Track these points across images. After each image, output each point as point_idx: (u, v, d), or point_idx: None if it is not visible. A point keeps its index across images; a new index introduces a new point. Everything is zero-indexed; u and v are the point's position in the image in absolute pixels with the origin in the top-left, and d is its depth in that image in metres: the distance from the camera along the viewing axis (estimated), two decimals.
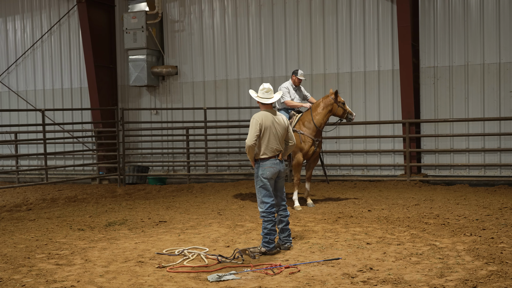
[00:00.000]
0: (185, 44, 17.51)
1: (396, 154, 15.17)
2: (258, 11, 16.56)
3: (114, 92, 18.35)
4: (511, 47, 14.03)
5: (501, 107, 14.20)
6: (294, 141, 8.04)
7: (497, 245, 7.51)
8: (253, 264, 6.96)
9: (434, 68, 14.77)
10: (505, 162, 14.11)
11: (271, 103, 7.80)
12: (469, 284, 5.88)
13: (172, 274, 6.63)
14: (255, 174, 7.74)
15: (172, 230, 9.31)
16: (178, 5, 17.52)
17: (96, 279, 6.48)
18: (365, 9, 15.35)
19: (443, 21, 14.64)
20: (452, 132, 14.58)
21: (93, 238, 8.81)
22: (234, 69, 16.90)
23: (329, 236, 8.45)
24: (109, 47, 18.22)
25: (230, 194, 13.51)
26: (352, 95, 15.42)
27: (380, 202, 11.47)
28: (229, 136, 16.64)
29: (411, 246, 7.72)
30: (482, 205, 10.71)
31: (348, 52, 15.56)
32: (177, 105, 17.59)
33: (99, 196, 14.06)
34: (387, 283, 6.04)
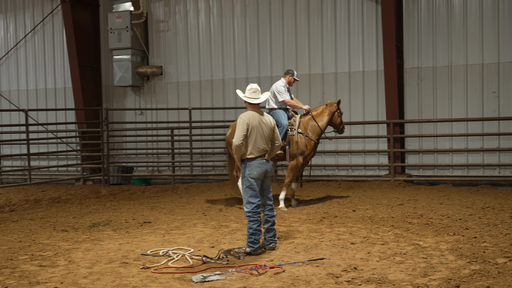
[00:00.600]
0: (170, 44, 17.47)
1: (380, 154, 15.24)
2: (244, 11, 16.56)
3: (98, 92, 18.25)
4: (494, 48, 14.16)
5: (484, 107, 14.31)
6: (280, 142, 8.06)
7: (480, 245, 7.57)
8: (238, 265, 6.96)
9: (418, 69, 14.86)
10: (488, 162, 14.23)
11: (258, 103, 7.81)
12: (452, 283, 5.92)
13: (156, 275, 6.61)
14: (241, 174, 7.74)
15: (157, 230, 9.28)
16: (163, 5, 17.48)
17: (80, 280, 6.45)
18: (350, 10, 15.41)
19: (427, 22, 14.73)
20: (435, 133, 14.68)
21: (77, 239, 8.76)
22: (219, 69, 16.89)
23: (313, 236, 8.47)
24: (94, 47, 18.12)
25: (215, 194, 13.50)
26: (337, 96, 15.46)
27: (365, 202, 11.52)
28: (214, 137, 16.63)
29: (395, 245, 7.76)
30: (465, 205, 10.79)
31: (333, 53, 15.61)
32: (162, 106, 17.53)
33: (83, 197, 13.98)
34: (371, 283, 6.06)
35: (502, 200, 11.35)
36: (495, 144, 14.18)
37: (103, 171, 15.83)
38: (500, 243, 7.57)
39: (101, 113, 16.05)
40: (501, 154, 14.17)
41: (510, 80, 14.05)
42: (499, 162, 14.14)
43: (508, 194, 12.24)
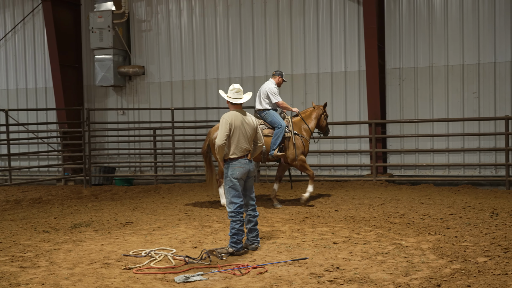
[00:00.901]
0: (152, 44, 17.41)
1: (362, 154, 15.32)
2: (226, 11, 16.55)
3: (79, 92, 18.13)
4: (474, 49, 14.29)
5: (464, 108, 14.45)
6: (262, 142, 8.08)
7: (461, 244, 7.64)
8: (220, 265, 6.96)
9: (400, 69, 14.96)
10: (468, 162, 14.36)
11: (241, 103, 7.82)
12: (433, 282, 5.97)
13: (138, 275, 6.58)
14: (224, 175, 7.74)
15: (139, 231, 9.24)
16: (145, 4, 17.41)
17: (61, 281, 6.40)
18: (332, 10, 15.47)
19: (408, 23, 14.84)
20: (417, 133, 14.78)
21: (58, 240, 8.69)
22: (202, 70, 16.86)
23: (296, 236, 8.49)
24: (75, 46, 18.00)
25: (197, 194, 13.48)
26: (319, 96, 15.52)
27: (347, 202, 11.57)
28: (197, 137, 16.59)
29: (377, 245, 7.80)
30: (446, 205, 10.88)
31: (315, 53, 15.66)
32: (144, 106, 17.47)
33: (65, 197, 13.87)
34: (354, 282, 6.09)
35: (482, 199, 11.47)
36: (476, 144, 14.32)
37: (85, 172, 15.73)
38: (480, 242, 7.64)
39: (82, 113, 15.94)
40: (481, 154, 14.31)
41: (490, 81, 14.19)
42: (479, 162, 14.28)
43: (488, 194, 12.37)
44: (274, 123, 11.34)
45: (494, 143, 14.17)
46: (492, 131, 14.12)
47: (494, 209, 10.15)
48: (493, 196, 12.04)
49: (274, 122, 11.33)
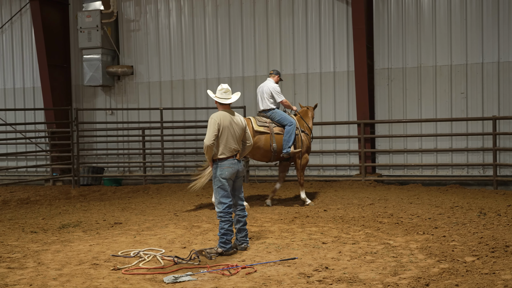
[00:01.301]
0: (141, 43, 17.36)
1: (351, 154, 15.36)
2: (215, 11, 16.53)
3: (68, 92, 18.03)
4: (462, 49, 14.37)
5: (452, 108, 14.52)
6: (251, 142, 8.08)
7: (449, 243, 7.68)
8: (209, 265, 6.95)
9: (388, 70, 15.01)
10: (456, 162, 14.44)
11: (229, 103, 7.83)
12: (421, 282, 5.99)
13: (127, 276, 6.57)
14: (213, 175, 7.74)
15: (128, 231, 9.22)
16: (133, 4, 17.35)
17: (49, 282, 6.37)
18: (320, 11, 15.49)
19: (396, 24, 14.89)
20: (405, 133, 14.84)
21: (46, 240, 8.65)
22: (191, 69, 16.83)
23: (285, 236, 8.50)
24: (63, 46, 17.90)
25: (186, 194, 13.46)
26: (308, 96, 15.54)
27: (336, 202, 11.60)
28: (186, 137, 16.56)
29: (365, 245, 7.83)
30: (435, 204, 10.94)
31: (304, 53, 15.68)
32: (132, 105, 17.41)
33: (53, 198, 13.80)
34: (342, 282, 6.11)
35: (470, 199, 11.54)
36: (463, 144, 14.40)
37: (73, 172, 15.66)
38: (468, 242, 7.69)
39: (71, 113, 15.86)
40: (469, 154, 14.39)
41: (478, 81, 14.28)
42: (467, 162, 14.36)
43: (476, 194, 12.45)
44: (284, 120, 11.38)
45: (481, 143, 14.25)
46: (480, 131, 14.21)
47: (482, 208, 10.22)
48: (481, 195, 12.11)
49: (284, 120, 11.38)
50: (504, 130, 13.98)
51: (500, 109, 14.14)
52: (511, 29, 13.98)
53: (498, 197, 11.87)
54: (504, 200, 11.38)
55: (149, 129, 16.64)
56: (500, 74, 14.10)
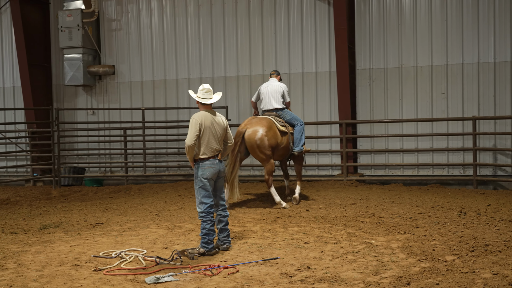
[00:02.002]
0: (122, 43, 17.27)
1: (333, 154, 15.41)
2: (197, 11, 16.50)
3: (48, 92, 17.88)
4: (442, 50, 14.49)
5: (433, 108, 14.63)
6: (232, 142, 8.09)
7: (430, 242, 7.74)
8: (191, 265, 6.95)
9: (370, 70, 15.09)
10: (437, 161, 14.55)
11: (211, 103, 7.82)
12: (402, 281, 6.04)
13: (109, 277, 6.53)
14: (194, 175, 7.73)
15: (109, 232, 9.17)
16: (115, 3, 17.26)
17: (30, 283, 6.32)
18: (303, 11, 15.52)
19: (378, 25, 14.97)
20: (387, 133, 14.92)
21: (27, 241, 8.57)
22: (173, 69, 16.78)
23: (267, 236, 8.51)
24: (44, 45, 17.75)
25: (168, 195, 13.42)
26: (291, 96, 15.54)
27: (318, 202, 11.63)
28: (168, 137, 16.51)
29: (347, 244, 7.86)
30: (416, 204, 11.02)
31: (287, 54, 15.70)
32: (114, 105, 17.31)
33: (33, 198, 13.69)
34: (324, 282, 6.13)
35: (450, 198, 11.64)
36: (444, 144, 14.52)
37: (54, 172, 15.53)
38: (449, 241, 7.76)
39: (51, 113, 15.73)
40: (449, 154, 14.51)
41: (458, 82, 14.40)
42: (447, 161, 14.48)
43: (456, 193, 12.56)
44: (295, 120, 11.75)
45: (462, 143, 14.38)
46: (460, 131, 14.33)
47: (462, 208, 10.31)
48: (461, 195, 12.22)
49: (295, 119, 11.76)
50: (484, 130, 14.12)
51: (480, 109, 14.28)
52: (490, 30, 14.13)
53: (478, 196, 11.99)
54: (484, 199, 11.49)
55: (131, 129, 16.55)
56: (480, 75, 14.23)
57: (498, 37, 14.08)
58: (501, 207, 10.25)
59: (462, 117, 14.13)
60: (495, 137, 14.12)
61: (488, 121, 14.04)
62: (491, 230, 8.33)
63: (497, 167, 14.06)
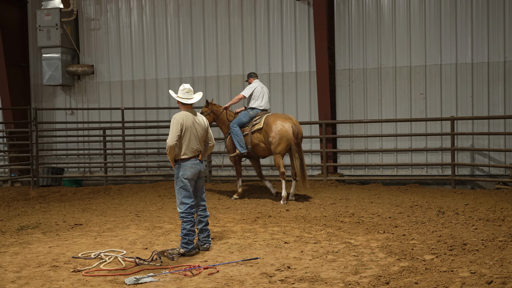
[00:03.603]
0: (101, 43, 17.15)
1: (313, 154, 15.47)
2: (177, 11, 16.45)
3: (26, 92, 17.71)
4: (421, 51, 14.61)
5: (412, 108, 14.75)
6: (213, 142, 8.09)
7: (409, 242, 7.80)
8: (171, 266, 6.93)
9: (349, 71, 15.16)
10: (416, 161, 14.67)
11: (191, 103, 7.81)
12: (382, 280, 6.08)
13: (88, 278, 6.49)
14: (175, 175, 7.71)
15: (88, 233, 9.11)
16: (94, 3, 17.14)
17: (8, 285, 6.25)
18: (282, 11, 15.56)
19: (357, 25, 15.06)
20: (366, 133, 15.01)
21: (4, 242, 8.48)
22: (152, 69, 16.71)
23: (248, 236, 8.52)
24: (22, 44, 17.57)
25: (148, 195, 13.36)
26: (270, 96, 15.58)
27: (298, 202, 11.66)
28: (148, 137, 16.44)
29: (327, 244, 7.90)
30: (395, 203, 11.09)
31: (266, 54, 15.73)
32: (93, 105, 17.20)
33: (11, 199, 13.53)
34: (304, 281, 6.15)
35: (429, 198, 11.74)
36: (423, 144, 14.65)
37: (32, 173, 15.38)
38: (427, 240, 7.83)
39: (29, 112, 15.58)
40: (428, 154, 14.64)
41: (436, 82, 14.54)
42: (426, 161, 14.61)
43: (435, 193, 12.67)
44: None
45: (440, 143, 14.52)
46: (439, 132, 14.47)
47: (441, 207, 10.41)
48: (440, 195, 12.33)
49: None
50: (462, 130, 14.27)
51: (458, 109, 14.43)
52: (468, 31, 14.28)
53: (456, 196, 12.10)
54: (461, 199, 11.61)
55: (110, 129, 16.46)
56: (458, 76, 14.39)
57: (475, 38, 14.25)
58: (479, 207, 10.37)
59: (441, 118, 14.26)
60: (473, 137, 14.28)
61: (466, 121, 14.19)
62: (469, 229, 8.42)
63: (474, 167, 14.22)
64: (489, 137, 14.18)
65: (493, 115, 14.08)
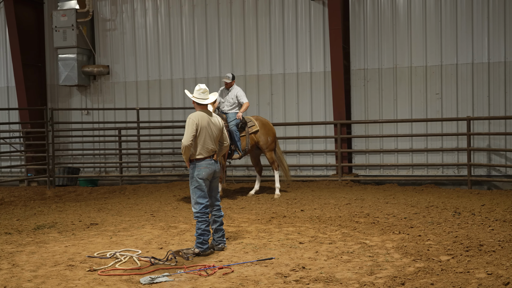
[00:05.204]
0: (117, 43, 17.24)
1: (328, 154, 15.43)
2: (192, 11, 16.49)
3: (43, 92, 17.85)
4: (436, 50, 14.52)
5: (427, 108, 14.67)
6: (228, 142, 8.09)
7: (424, 243, 7.75)
8: (186, 266, 6.94)
9: (364, 71, 15.11)
10: (431, 162, 14.58)
11: (207, 103, 7.82)
12: (397, 281, 6.05)
13: (103, 277, 6.52)
14: (190, 175, 7.72)
15: (104, 232, 9.15)
16: (109, 3, 17.23)
17: (24, 284, 6.30)
18: (297, 11, 15.54)
19: (372, 25, 15.00)
20: (381, 133, 14.94)
21: (21, 242, 8.55)
22: (168, 69, 16.76)
23: (262, 236, 8.51)
24: (38, 45, 17.71)
25: (163, 195, 13.40)
26: (285, 96, 15.59)
27: (313, 202, 11.64)
28: (163, 137, 16.50)
29: (342, 244, 7.87)
30: (410, 204, 11.03)
31: (281, 54, 15.71)
32: (109, 105, 17.28)
33: (28, 198, 13.64)
34: (319, 282, 6.14)
35: (445, 199, 11.66)
36: (438, 144, 14.56)
37: (48, 172, 15.49)
38: (443, 241, 7.77)
39: (46, 113, 15.69)
40: (444, 154, 14.55)
41: (452, 82, 14.44)
42: (442, 162, 14.52)
43: (451, 193, 12.58)
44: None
45: (456, 144, 14.42)
46: (455, 132, 14.37)
47: (457, 208, 10.34)
48: (456, 195, 12.25)
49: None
50: (478, 130, 14.16)
51: (474, 109, 14.32)
52: (484, 31, 14.17)
53: (472, 196, 12.02)
54: (478, 199, 11.52)
55: (126, 129, 16.54)
56: (474, 75, 14.28)
57: (492, 38, 14.13)
58: (496, 207, 10.28)
59: (457, 118, 14.17)
60: (489, 137, 14.16)
61: (482, 121, 14.08)
62: (486, 230, 8.35)
63: (491, 167, 14.11)
64: (506, 137, 14.05)
65: (510, 115, 13.95)
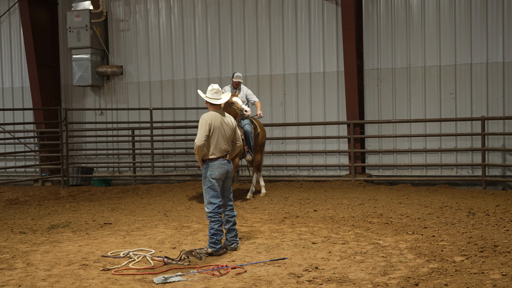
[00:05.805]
0: (130, 43, 17.30)
1: (341, 154, 15.39)
2: (205, 11, 16.52)
3: (57, 92, 17.95)
4: (450, 50, 14.44)
5: (441, 108, 14.59)
6: (241, 142, 8.10)
7: (438, 243, 7.72)
8: (199, 265, 6.95)
9: (378, 70, 15.05)
10: (445, 162, 14.50)
11: (220, 103, 7.83)
12: (411, 282, 6.02)
13: (117, 276, 6.55)
14: (203, 175, 7.73)
15: (117, 232, 9.19)
16: (123, 4, 17.30)
17: (39, 283, 6.34)
18: (310, 11, 15.51)
19: (386, 24, 14.94)
20: (395, 133, 14.88)
21: (35, 241, 8.61)
22: (181, 70, 16.80)
23: (275, 236, 8.51)
24: (52, 45, 17.81)
25: (176, 195, 13.43)
26: (298, 96, 15.57)
27: (326, 202, 11.61)
28: (176, 137, 16.54)
29: (355, 245, 7.85)
30: (424, 204, 10.98)
31: (294, 54, 15.69)
32: (122, 106, 17.36)
33: (42, 198, 13.73)
34: (332, 282, 6.13)
35: (459, 199, 11.59)
36: (452, 144, 14.47)
37: (62, 172, 15.58)
38: (457, 242, 7.73)
39: (60, 113, 15.79)
40: (458, 154, 14.46)
41: (466, 82, 14.35)
42: (456, 162, 14.43)
43: (465, 194, 12.51)
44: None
45: (470, 143, 14.33)
46: (469, 132, 14.28)
47: (471, 208, 10.27)
48: (470, 195, 12.17)
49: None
50: (493, 130, 14.07)
51: (488, 109, 14.22)
52: (499, 30, 14.07)
53: (486, 197, 11.94)
54: (492, 200, 11.44)
55: (139, 129, 16.60)
56: (489, 75, 14.18)
57: (507, 37, 14.02)
58: (510, 208, 10.21)
59: (471, 117, 14.08)
60: (504, 137, 14.06)
61: (497, 121, 13.98)
62: (500, 231, 8.30)
63: (506, 167, 14.01)
64: None
65: None
